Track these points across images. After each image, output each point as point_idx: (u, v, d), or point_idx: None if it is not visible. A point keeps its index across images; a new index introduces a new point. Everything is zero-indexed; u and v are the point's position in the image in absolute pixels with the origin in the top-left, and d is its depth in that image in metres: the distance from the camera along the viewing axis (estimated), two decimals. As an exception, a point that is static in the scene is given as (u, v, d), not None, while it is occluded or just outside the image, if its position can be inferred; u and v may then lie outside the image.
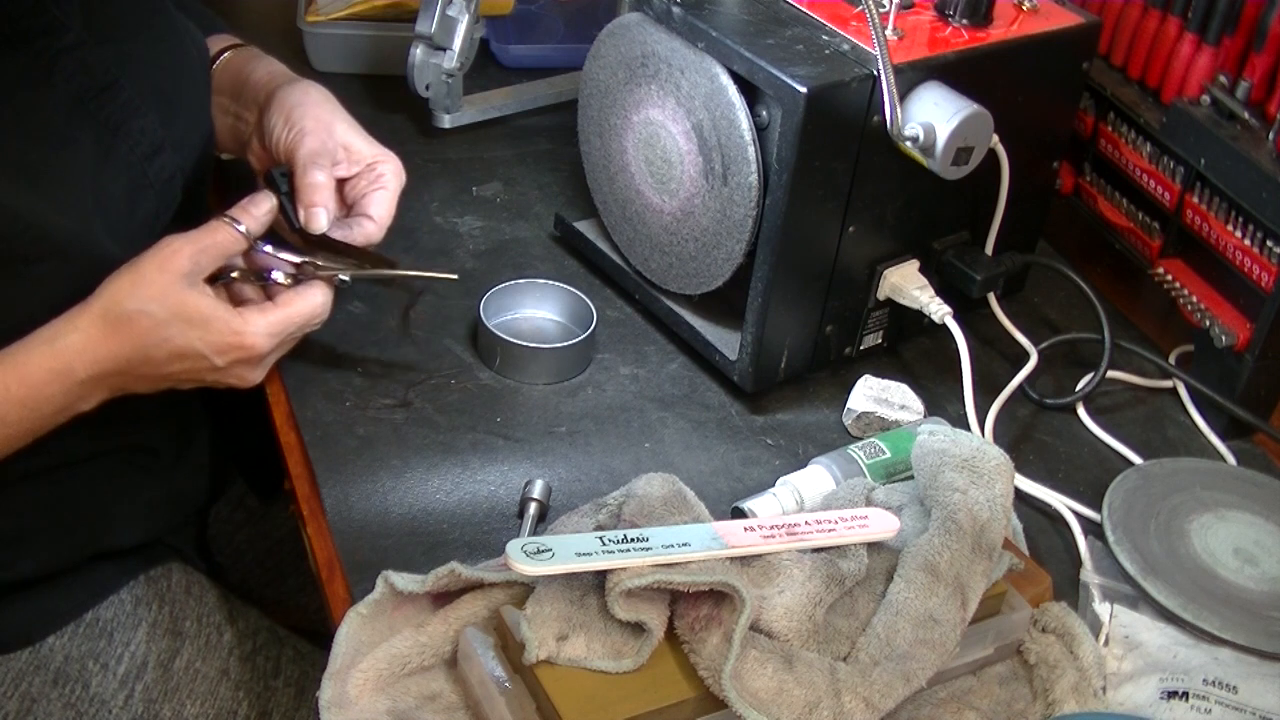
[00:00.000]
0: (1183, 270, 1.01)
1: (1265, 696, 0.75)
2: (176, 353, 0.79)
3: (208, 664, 0.95)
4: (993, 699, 0.75)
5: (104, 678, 0.91)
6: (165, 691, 0.92)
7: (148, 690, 0.92)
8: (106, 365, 0.78)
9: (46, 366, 0.76)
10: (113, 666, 0.92)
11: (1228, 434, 0.98)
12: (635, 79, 0.94)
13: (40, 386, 0.76)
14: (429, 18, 1.13)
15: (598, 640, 0.67)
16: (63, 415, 0.79)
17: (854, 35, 0.88)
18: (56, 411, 0.79)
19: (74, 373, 0.77)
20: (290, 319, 0.83)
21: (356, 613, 0.72)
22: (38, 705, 0.89)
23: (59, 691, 0.90)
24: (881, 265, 0.95)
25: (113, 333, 0.77)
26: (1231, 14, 0.97)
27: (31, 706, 0.89)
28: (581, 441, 0.91)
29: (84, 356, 0.77)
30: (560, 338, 0.99)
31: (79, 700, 0.90)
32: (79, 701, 0.90)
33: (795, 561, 0.72)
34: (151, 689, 0.92)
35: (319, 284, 0.84)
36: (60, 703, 0.90)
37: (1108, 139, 1.07)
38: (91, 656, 0.91)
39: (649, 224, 0.98)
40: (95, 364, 0.77)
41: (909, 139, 0.85)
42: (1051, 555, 0.87)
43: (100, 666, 0.91)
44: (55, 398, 0.77)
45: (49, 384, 0.77)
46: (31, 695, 0.89)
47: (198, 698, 0.93)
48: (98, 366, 0.77)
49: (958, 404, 0.96)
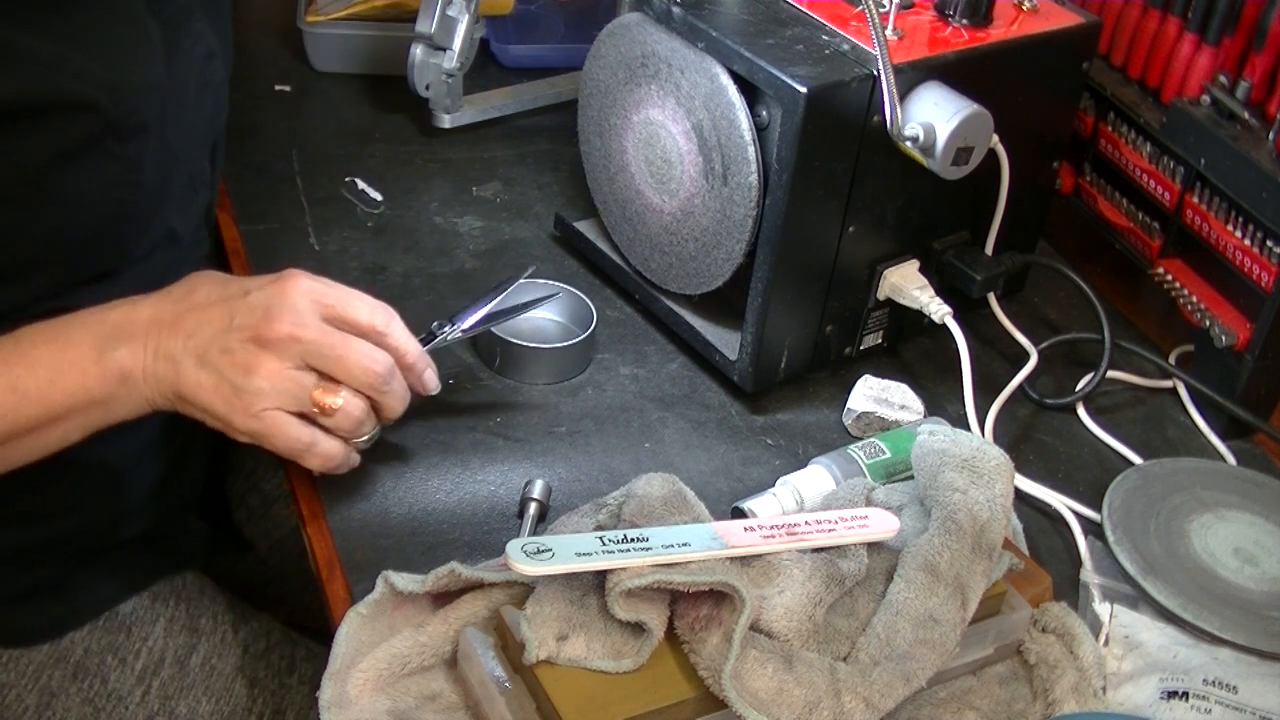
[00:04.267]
0: (1183, 270, 1.01)
1: (1265, 696, 0.75)
2: (219, 284, 0.76)
3: (223, 661, 0.95)
4: (993, 699, 0.75)
5: (122, 673, 0.91)
6: (181, 688, 0.92)
7: (164, 686, 0.92)
8: (144, 310, 0.75)
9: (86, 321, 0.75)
10: (131, 661, 0.92)
11: (1228, 434, 0.98)
12: (635, 79, 0.94)
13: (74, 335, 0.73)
14: (429, 18, 1.13)
15: (598, 640, 0.67)
16: (98, 381, 0.74)
17: (854, 35, 0.88)
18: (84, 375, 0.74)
19: (107, 319, 0.74)
20: (347, 303, 0.75)
21: (356, 613, 0.72)
22: (57, 700, 0.89)
23: (78, 686, 0.90)
24: (881, 265, 0.95)
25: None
26: (1231, 14, 0.97)
27: (51, 701, 0.89)
28: (581, 441, 0.91)
29: (124, 306, 0.75)
30: (560, 338, 0.99)
31: (97, 695, 0.90)
32: (97, 697, 0.90)
33: (795, 561, 0.72)
34: (168, 685, 0.92)
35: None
36: (79, 698, 0.90)
37: (1108, 139, 1.07)
38: (110, 651, 0.91)
39: (649, 224, 0.98)
40: (134, 308, 0.75)
41: (909, 139, 0.85)
42: (1051, 555, 0.87)
43: (119, 661, 0.91)
44: (85, 353, 0.73)
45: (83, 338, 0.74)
46: (51, 690, 0.89)
47: (213, 694, 0.93)
48: (135, 311, 0.75)
49: (958, 404, 0.96)
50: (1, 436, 0.73)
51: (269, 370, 0.73)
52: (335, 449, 0.78)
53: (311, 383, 0.74)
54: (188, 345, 0.73)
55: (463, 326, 0.88)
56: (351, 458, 0.80)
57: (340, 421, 0.76)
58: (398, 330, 0.78)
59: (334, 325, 0.75)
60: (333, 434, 0.77)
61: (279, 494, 1.14)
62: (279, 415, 0.74)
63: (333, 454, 0.78)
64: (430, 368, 0.81)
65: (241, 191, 1.12)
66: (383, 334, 0.76)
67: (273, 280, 0.75)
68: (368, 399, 0.77)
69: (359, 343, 0.75)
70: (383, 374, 0.76)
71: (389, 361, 0.76)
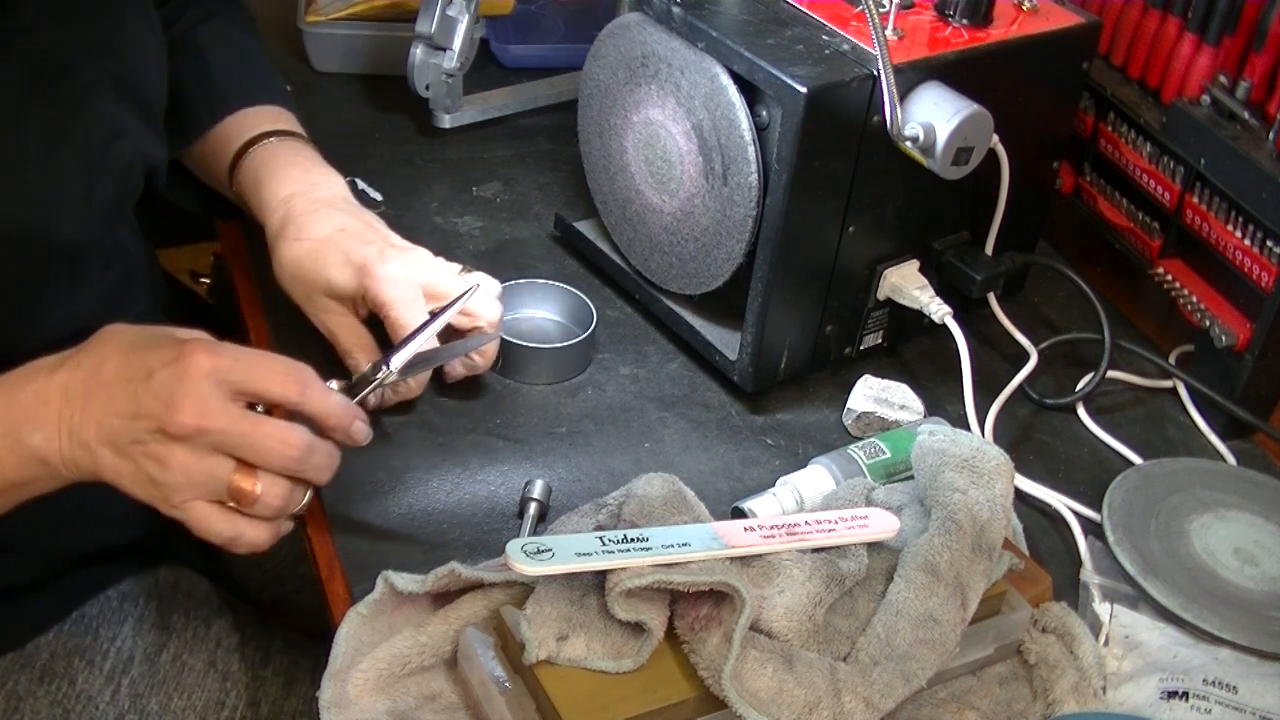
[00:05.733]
0: (1183, 270, 1.01)
1: (1265, 696, 0.75)
2: (123, 356, 0.71)
3: (195, 656, 0.94)
4: (993, 699, 0.75)
5: (90, 673, 0.91)
6: (152, 685, 0.92)
7: (134, 684, 0.92)
8: (55, 387, 0.71)
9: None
10: (99, 662, 0.92)
11: (1228, 434, 0.98)
12: (635, 79, 0.94)
13: None
14: (429, 18, 1.13)
15: (598, 640, 0.67)
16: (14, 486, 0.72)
17: (854, 35, 0.88)
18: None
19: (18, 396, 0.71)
20: (254, 379, 0.70)
21: (356, 613, 0.72)
22: (24, 704, 0.89)
23: (45, 689, 0.90)
24: (881, 265, 0.95)
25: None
26: (1231, 14, 0.97)
27: (19, 705, 0.89)
28: (581, 441, 0.91)
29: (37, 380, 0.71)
30: (560, 338, 0.99)
31: (65, 697, 0.90)
32: (65, 699, 0.90)
33: (795, 561, 0.72)
34: (138, 683, 0.92)
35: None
36: (47, 700, 0.90)
37: (1108, 139, 1.07)
38: (77, 653, 0.91)
39: (649, 224, 0.98)
40: (46, 387, 0.71)
41: (909, 139, 0.85)
42: (1051, 555, 0.87)
43: (86, 663, 0.91)
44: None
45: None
46: (18, 694, 0.89)
47: (185, 690, 0.93)
48: (47, 389, 0.71)
49: (958, 404, 0.96)
50: None
51: (180, 463, 0.69)
52: (260, 537, 0.73)
53: (227, 471, 0.70)
54: (99, 433, 0.70)
55: (399, 365, 0.81)
56: (283, 528, 0.75)
57: (261, 510, 0.72)
58: (314, 395, 0.73)
59: (245, 400, 0.71)
60: (257, 519, 0.73)
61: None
62: (200, 506, 0.71)
63: (258, 542, 0.73)
64: (358, 418, 0.76)
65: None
66: (298, 403, 0.72)
67: (175, 358, 0.69)
68: (290, 477, 0.73)
69: (270, 425, 0.71)
70: (298, 455, 0.71)
71: (304, 439, 0.71)
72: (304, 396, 0.72)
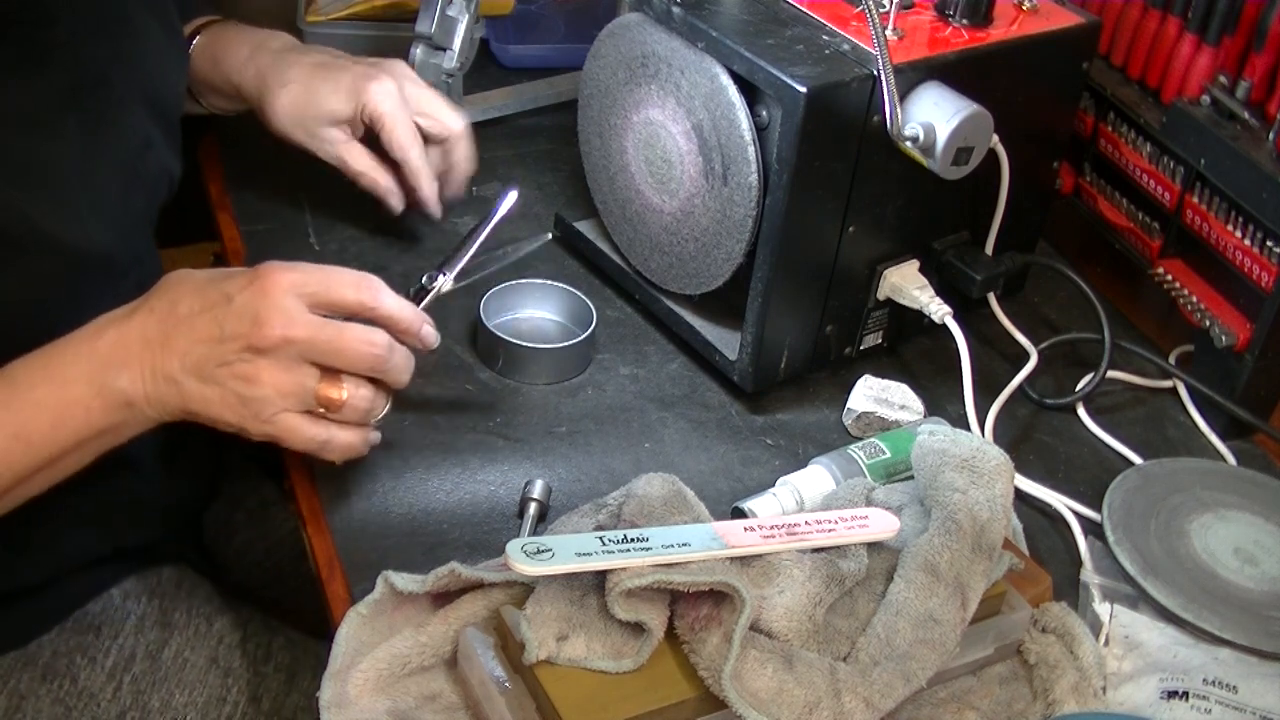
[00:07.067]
0: (1183, 270, 1.01)
1: (1265, 696, 0.75)
2: (198, 292, 0.74)
3: (196, 653, 0.95)
4: (993, 699, 0.75)
5: (92, 671, 0.91)
6: (153, 682, 0.92)
7: (136, 681, 0.92)
8: (132, 331, 0.73)
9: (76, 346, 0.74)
10: (100, 660, 0.92)
11: (1228, 434, 0.98)
12: (635, 79, 0.94)
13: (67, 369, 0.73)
14: (429, 18, 1.13)
15: (598, 640, 0.67)
16: (94, 414, 0.74)
17: (854, 35, 0.88)
18: (85, 411, 0.74)
19: (100, 339, 0.74)
20: (330, 287, 0.73)
21: (356, 613, 0.72)
22: (26, 702, 0.89)
23: (47, 687, 0.90)
24: (881, 265, 0.95)
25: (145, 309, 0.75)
26: (1231, 14, 0.97)
27: (20, 703, 0.89)
28: (581, 441, 0.91)
29: (113, 328, 0.74)
30: (560, 338, 0.99)
31: (67, 695, 0.90)
32: (67, 696, 0.90)
33: (795, 561, 0.72)
34: (140, 680, 0.92)
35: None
36: (49, 698, 0.90)
37: (1108, 139, 1.07)
38: (79, 651, 0.92)
39: (649, 224, 0.98)
40: (122, 332, 0.74)
41: (909, 139, 0.85)
42: (1051, 555, 0.87)
43: (88, 661, 0.92)
44: (81, 380, 0.73)
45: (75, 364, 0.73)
46: (20, 692, 0.90)
47: (186, 686, 0.93)
48: (124, 335, 0.74)
49: (958, 404, 0.96)
50: (12, 482, 0.73)
51: (270, 377, 0.73)
52: (351, 440, 0.77)
53: (314, 380, 0.74)
54: (185, 363, 0.73)
55: (453, 273, 0.86)
56: (372, 437, 0.80)
57: (349, 415, 0.76)
58: (387, 299, 0.76)
59: (322, 311, 0.74)
60: (346, 424, 0.77)
61: (276, 496, 1.14)
62: (290, 418, 0.74)
63: (350, 445, 0.78)
64: (427, 323, 0.80)
65: (241, 191, 1.12)
66: (372, 308, 0.76)
67: (251, 280, 0.73)
68: (373, 381, 0.77)
69: (352, 329, 0.74)
70: (382, 355, 0.75)
71: (385, 340, 0.75)
72: (377, 301, 0.76)
